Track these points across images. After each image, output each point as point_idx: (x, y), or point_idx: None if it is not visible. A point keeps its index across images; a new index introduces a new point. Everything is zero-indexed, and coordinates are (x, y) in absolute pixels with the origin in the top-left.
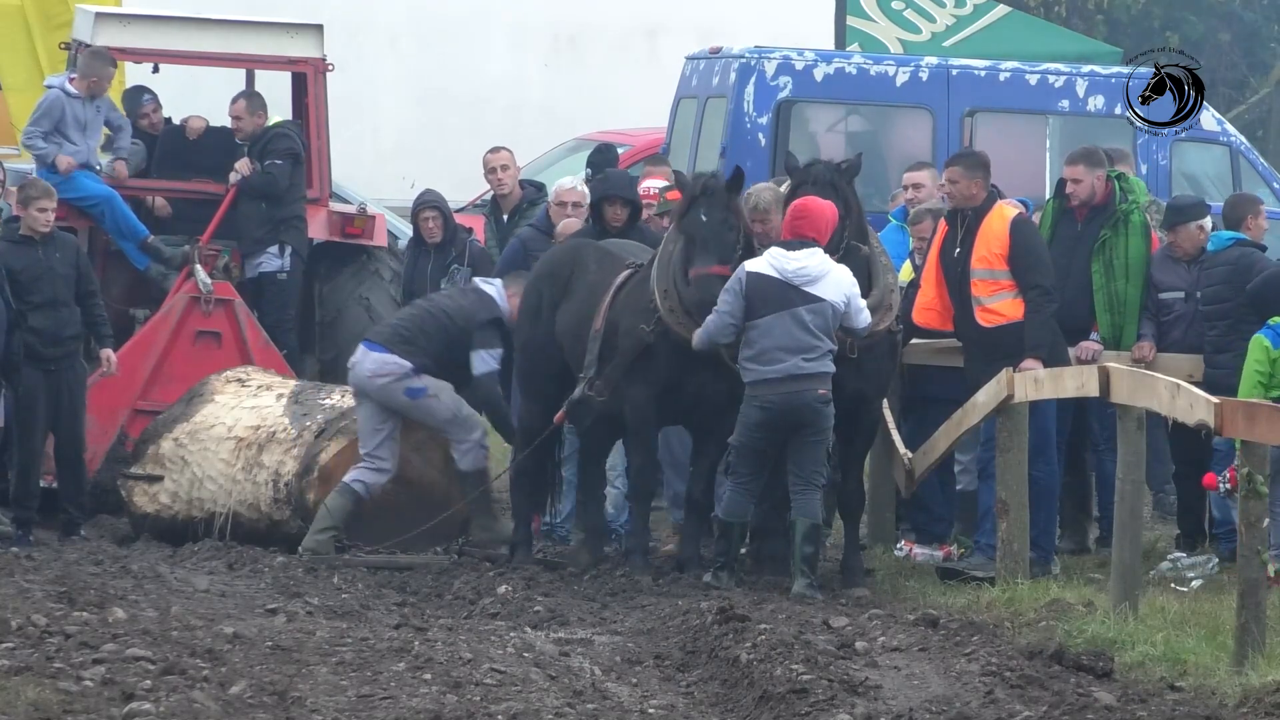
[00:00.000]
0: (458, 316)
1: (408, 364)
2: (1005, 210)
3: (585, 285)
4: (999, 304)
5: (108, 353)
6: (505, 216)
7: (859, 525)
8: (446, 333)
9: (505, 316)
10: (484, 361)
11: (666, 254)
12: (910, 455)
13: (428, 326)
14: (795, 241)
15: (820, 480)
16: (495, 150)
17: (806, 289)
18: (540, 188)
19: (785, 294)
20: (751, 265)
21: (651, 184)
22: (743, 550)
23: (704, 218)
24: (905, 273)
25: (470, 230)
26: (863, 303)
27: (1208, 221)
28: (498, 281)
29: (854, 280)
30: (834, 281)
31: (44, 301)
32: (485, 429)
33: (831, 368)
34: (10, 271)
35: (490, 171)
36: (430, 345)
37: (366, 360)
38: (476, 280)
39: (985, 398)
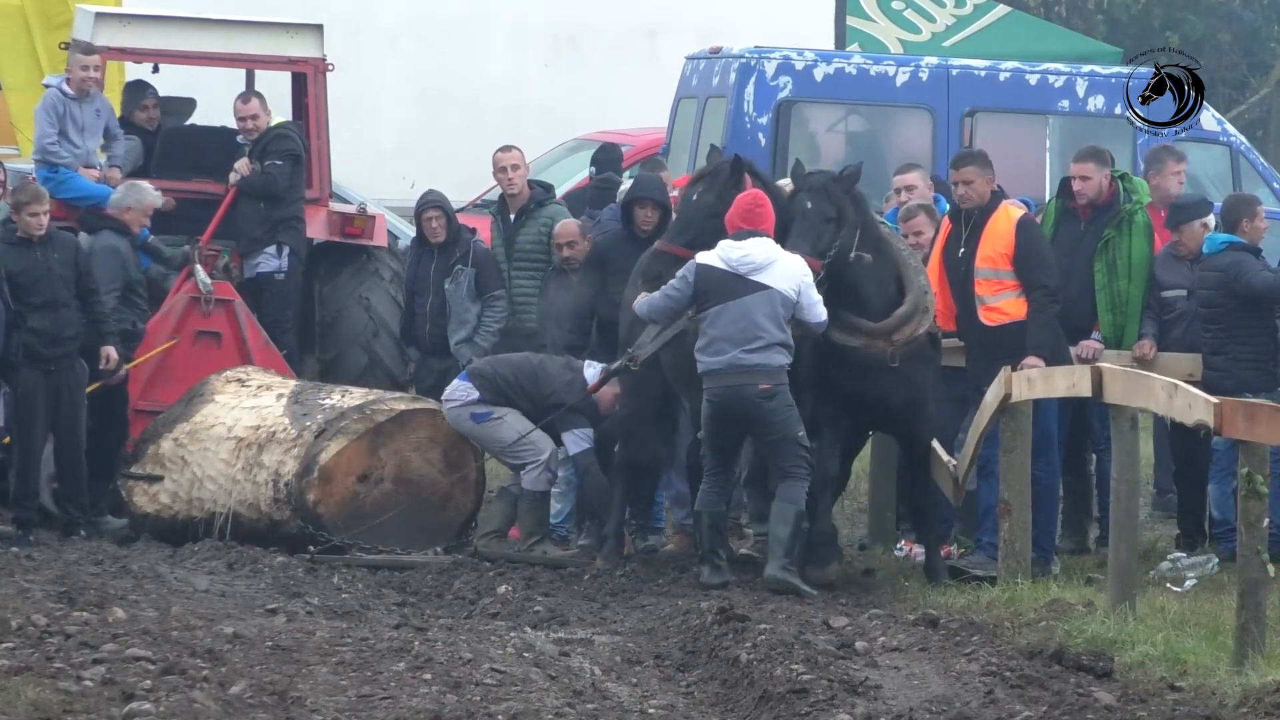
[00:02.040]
0: (545, 385)
1: (475, 394)
2: (1011, 210)
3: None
4: (1003, 303)
5: (109, 350)
6: (512, 216)
7: (935, 528)
8: (528, 393)
9: (593, 404)
10: (576, 442)
11: None
12: (954, 462)
13: (517, 377)
14: (744, 232)
15: (802, 470)
16: (506, 149)
17: (753, 278)
18: (548, 188)
19: (732, 284)
20: (702, 257)
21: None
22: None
23: (694, 197)
24: None
25: (474, 231)
26: (817, 296)
27: (1211, 220)
28: (598, 366)
29: (807, 270)
30: (782, 270)
31: (43, 302)
32: (554, 451)
33: (780, 359)
34: (9, 273)
35: (500, 170)
36: (508, 391)
37: (450, 385)
38: (587, 363)
39: (990, 397)
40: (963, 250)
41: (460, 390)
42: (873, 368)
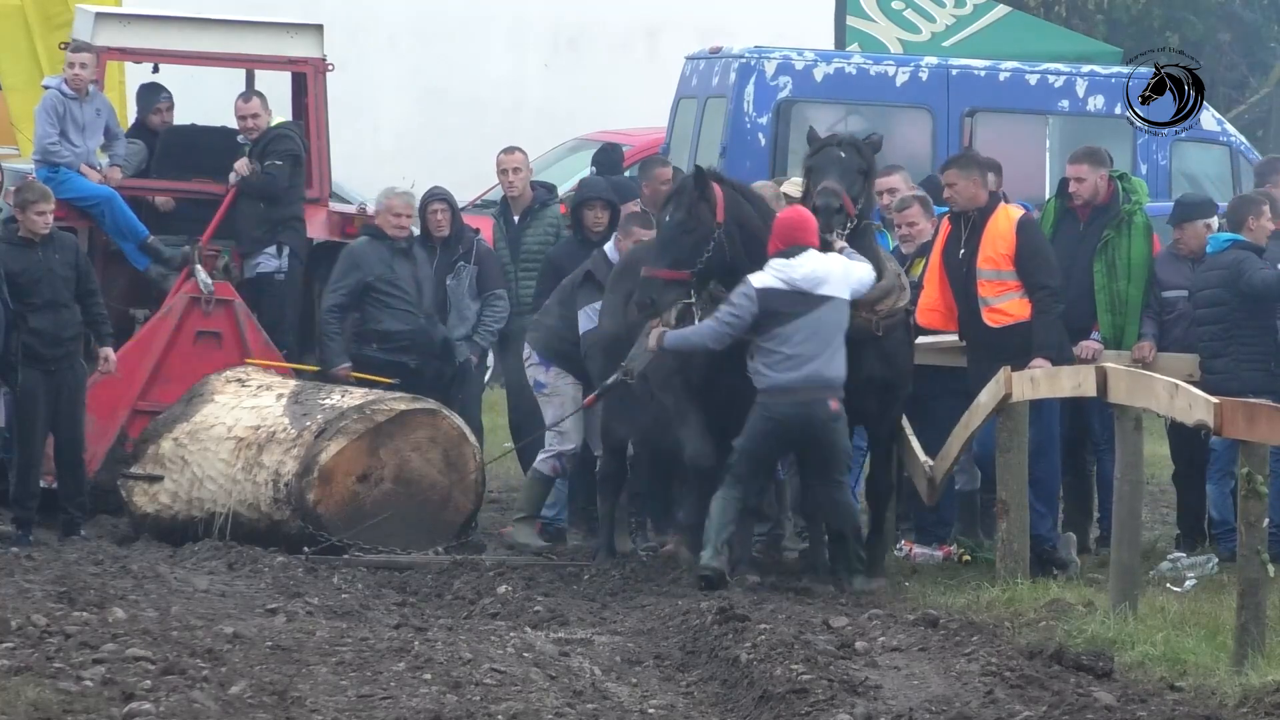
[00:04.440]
0: (567, 285)
1: (535, 353)
2: (1010, 211)
3: None
4: (1006, 304)
5: (107, 351)
6: (516, 218)
7: (884, 514)
8: (559, 302)
9: (609, 260)
10: (587, 319)
11: None
12: (931, 463)
13: (547, 303)
14: (792, 249)
15: (844, 477)
16: (509, 151)
17: (818, 292)
18: (551, 189)
19: (798, 302)
20: (758, 281)
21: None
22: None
23: (666, 218)
24: None
25: (477, 230)
26: (860, 268)
27: (1214, 221)
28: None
29: (848, 263)
30: (839, 277)
31: (44, 303)
32: (574, 450)
33: (844, 373)
34: (10, 274)
35: (502, 172)
36: (548, 319)
37: None
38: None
39: (986, 398)
40: (963, 251)
41: (526, 351)
42: (855, 339)
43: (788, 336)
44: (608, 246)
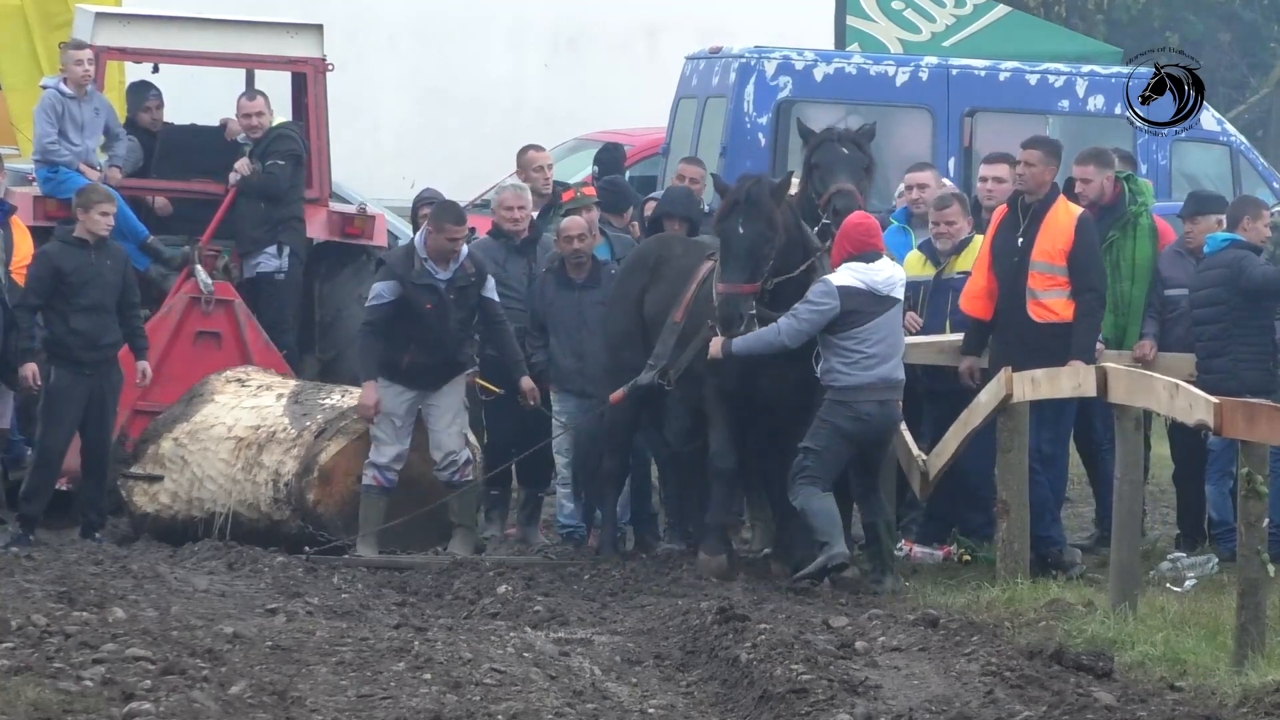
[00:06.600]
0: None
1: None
2: (1071, 206)
3: (673, 271)
4: (1052, 301)
5: (144, 365)
6: (538, 214)
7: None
8: None
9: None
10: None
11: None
12: (925, 458)
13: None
14: (869, 254)
15: (879, 487)
16: (538, 149)
17: (891, 294)
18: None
19: (874, 303)
20: (838, 280)
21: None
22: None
23: (740, 229)
24: (913, 266)
25: (473, 230)
26: (903, 274)
27: (1224, 220)
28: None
29: (899, 267)
30: (900, 281)
31: (89, 305)
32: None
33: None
34: (60, 272)
35: (536, 170)
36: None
37: None
38: None
39: (987, 397)
40: (1021, 240)
41: None
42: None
43: (866, 336)
44: (416, 238)
